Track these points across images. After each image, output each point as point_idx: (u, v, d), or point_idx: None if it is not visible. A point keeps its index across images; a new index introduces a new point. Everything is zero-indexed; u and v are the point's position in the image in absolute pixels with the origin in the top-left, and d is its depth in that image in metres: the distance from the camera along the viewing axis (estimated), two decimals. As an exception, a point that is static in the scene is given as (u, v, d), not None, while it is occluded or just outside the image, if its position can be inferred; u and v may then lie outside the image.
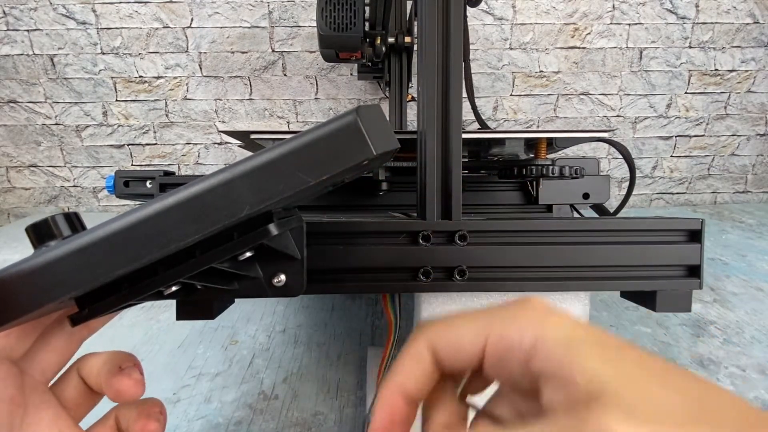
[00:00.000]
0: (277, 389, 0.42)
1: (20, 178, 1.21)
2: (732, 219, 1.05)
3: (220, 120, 1.19)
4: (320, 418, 0.39)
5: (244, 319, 0.55)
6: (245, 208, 0.15)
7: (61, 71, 1.14)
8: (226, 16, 1.12)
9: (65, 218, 0.17)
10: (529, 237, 0.30)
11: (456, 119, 0.30)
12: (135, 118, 1.18)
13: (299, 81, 1.17)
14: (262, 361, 0.47)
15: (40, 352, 0.20)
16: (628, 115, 1.21)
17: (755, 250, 0.80)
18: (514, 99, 1.19)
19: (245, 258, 0.20)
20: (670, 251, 0.30)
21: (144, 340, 0.52)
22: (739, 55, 1.17)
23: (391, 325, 0.33)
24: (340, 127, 0.15)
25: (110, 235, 0.15)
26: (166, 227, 0.15)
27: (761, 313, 0.56)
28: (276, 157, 0.15)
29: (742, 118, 1.22)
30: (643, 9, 1.14)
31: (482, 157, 0.54)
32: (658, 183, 1.26)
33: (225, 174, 0.15)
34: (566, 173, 0.43)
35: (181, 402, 0.41)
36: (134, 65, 1.14)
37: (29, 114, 1.16)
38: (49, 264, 0.15)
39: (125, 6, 1.10)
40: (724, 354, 0.47)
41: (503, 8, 1.13)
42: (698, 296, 0.61)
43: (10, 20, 1.10)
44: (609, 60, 1.17)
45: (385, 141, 0.17)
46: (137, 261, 0.15)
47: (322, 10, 0.65)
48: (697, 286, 0.30)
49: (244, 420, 0.38)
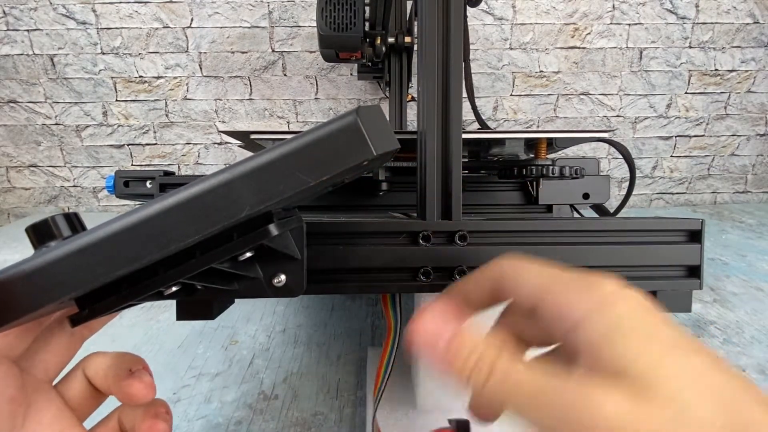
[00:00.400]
0: (277, 389, 0.42)
1: (20, 178, 1.21)
2: (732, 219, 1.05)
3: (220, 120, 1.19)
4: (320, 418, 0.39)
5: (244, 319, 0.55)
6: (245, 208, 0.15)
7: (61, 71, 1.14)
8: (226, 16, 1.12)
9: (65, 218, 0.17)
10: (529, 237, 0.30)
11: (456, 119, 0.30)
12: (135, 118, 1.18)
13: (299, 81, 1.17)
14: (262, 361, 0.47)
15: (42, 351, 0.20)
16: (628, 115, 1.21)
17: (755, 250, 0.80)
18: (514, 99, 1.19)
19: (245, 258, 0.20)
20: (670, 251, 0.30)
21: (144, 340, 0.52)
22: (739, 55, 1.17)
23: (390, 325, 0.33)
24: (340, 127, 0.15)
25: (110, 235, 0.15)
26: (166, 228, 0.15)
27: (761, 313, 0.56)
28: (276, 157, 0.15)
29: (742, 118, 1.22)
30: (643, 9, 1.14)
31: (482, 157, 0.54)
32: (658, 183, 1.26)
33: (225, 175, 0.15)
34: (566, 173, 0.43)
35: (181, 402, 0.41)
36: (134, 65, 1.14)
37: (29, 114, 1.16)
38: (49, 265, 0.15)
39: (125, 6, 1.10)
40: (724, 354, 0.47)
41: (503, 8, 1.13)
42: (698, 296, 0.61)
43: (10, 20, 1.10)
44: (609, 60, 1.17)
45: (385, 141, 0.17)
46: (137, 262, 0.15)
47: (322, 10, 0.65)
48: (697, 287, 0.30)
49: (244, 420, 0.38)
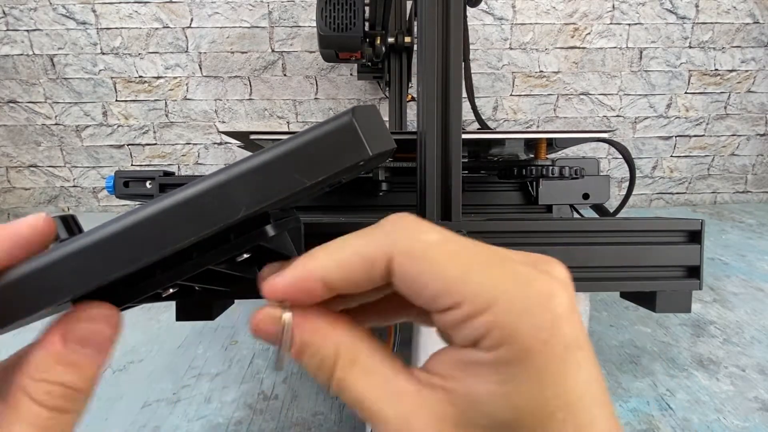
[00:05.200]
0: (277, 389, 0.42)
1: (20, 178, 1.21)
2: (732, 219, 1.05)
3: (220, 120, 1.19)
4: (320, 418, 0.39)
5: (244, 320, 0.55)
6: (241, 209, 0.15)
7: (61, 71, 1.14)
8: (226, 16, 1.12)
9: (62, 221, 0.17)
10: (529, 237, 0.30)
11: (456, 119, 0.30)
12: (135, 118, 1.17)
13: (299, 81, 1.17)
14: (262, 361, 0.47)
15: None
16: (628, 115, 1.21)
17: (755, 250, 0.80)
18: (514, 99, 1.19)
19: (243, 259, 0.20)
20: (670, 252, 0.30)
21: (144, 340, 0.52)
22: (739, 55, 1.17)
23: (391, 326, 0.33)
24: (335, 127, 0.15)
25: (106, 237, 0.15)
26: (162, 229, 0.15)
27: (761, 313, 0.56)
28: (271, 158, 0.15)
29: (742, 118, 1.22)
30: (643, 9, 1.14)
31: (482, 157, 0.54)
32: (658, 183, 1.26)
33: (221, 176, 0.15)
34: (566, 173, 0.43)
35: (181, 402, 0.41)
36: (134, 65, 1.14)
37: (29, 114, 1.16)
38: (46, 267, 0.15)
39: (125, 6, 1.10)
40: (724, 354, 0.47)
41: (503, 8, 1.13)
42: (698, 296, 0.61)
43: (10, 20, 1.10)
44: (609, 60, 1.17)
45: (381, 141, 0.17)
46: (134, 263, 0.15)
47: (322, 10, 0.65)
48: (697, 287, 0.30)
49: (244, 420, 0.38)
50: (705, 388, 0.42)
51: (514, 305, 0.13)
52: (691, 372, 0.44)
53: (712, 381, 0.43)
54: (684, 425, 0.37)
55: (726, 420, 0.37)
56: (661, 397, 0.40)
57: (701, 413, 0.38)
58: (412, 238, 0.14)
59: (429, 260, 0.14)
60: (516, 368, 0.13)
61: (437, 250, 0.14)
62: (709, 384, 0.42)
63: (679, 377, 0.43)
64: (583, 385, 0.14)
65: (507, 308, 0.13)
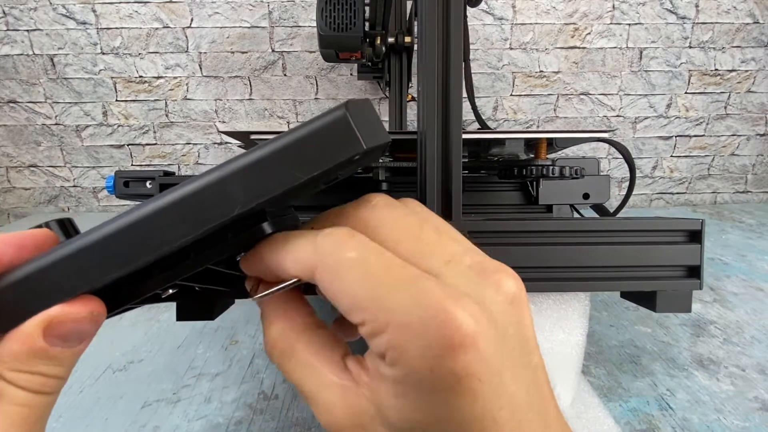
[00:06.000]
0: (277, 389, 0.42)
1: (20, 178, 1.21)
2: (732, 219, 1.05)
3: (220, 120, 1.19)
4: (320, 418, 0.39)
5: (244, 320, 0.55)
6: (236, 207, 0.15)
7: (61, 71, 1.14)
8: (226, 16, 1.12)
9: (58, 224, 0.17)
10: (529, 237, 0.30)
11: (456, 119, 0.30)
12: (135, 118, 1.18)
13: (299, 81, 1.17)
14: (262, 361, 0.47)
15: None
16: (628, 115, 1.21)
17: (755, 250, 0.80)
18: (514, 99, 1.19)
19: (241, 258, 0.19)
20: (670, 252, 0.30)
21: (144, 340, 0.52)
22: (739, 55, 1.17)
23: None
24: (329, 122, 0.15)
25: (101, 238, 0.15)
26: (157, 229, 0.15)
27: (761, 313, 0.56)
28: (265, 154, 0.15)
29: (742, 118, 1.22)
30: (643, 9, 1.14)
31: (482, 157, 0.54)
32: (658, 183, 1.26)
33: (214, 173, 0.15)
34: (566, 173, 0.43)
35: (181, 402, 0.41)
36: (134, 65, 1.14)
37: (29, 114, 1.16)
38: (42, 270, 0.15)
39: (125, 6, 1.10)
40: (724, 354, 0.47)
41: (503, 8, 1.13)
42: (698, 296, 0.61)
43: (10, 20, 1.10)
44: (609, 60, 1.17)
45: (375, 135, 0.16)
46: (130, 264, 0.15)
47: (322, 10, 0.65)
48: (697, 287, 0.30)
49: (244, 420, 0.38)
50: (705, 388, 0.42)
51: (408, 330, 0.14)
52: (691, 372, 0.44)
53: (712, 381, 0.43)
54: (684, 425, 0.37)
55: (726, 420, 0.37)
56: (661, 396, 0.40)
57: (701, 413, 0.38)
58: (334, 255, 0.15)
59: (342, 279, 0.15)
60: (407, 388, 0.14)
61: (353, 269, 0.15)
62: (709, 384, 0.42)
63: (679, 377, 0.43)
64: (479, 417, 0.14)
65: (400, 331, 0.14)
